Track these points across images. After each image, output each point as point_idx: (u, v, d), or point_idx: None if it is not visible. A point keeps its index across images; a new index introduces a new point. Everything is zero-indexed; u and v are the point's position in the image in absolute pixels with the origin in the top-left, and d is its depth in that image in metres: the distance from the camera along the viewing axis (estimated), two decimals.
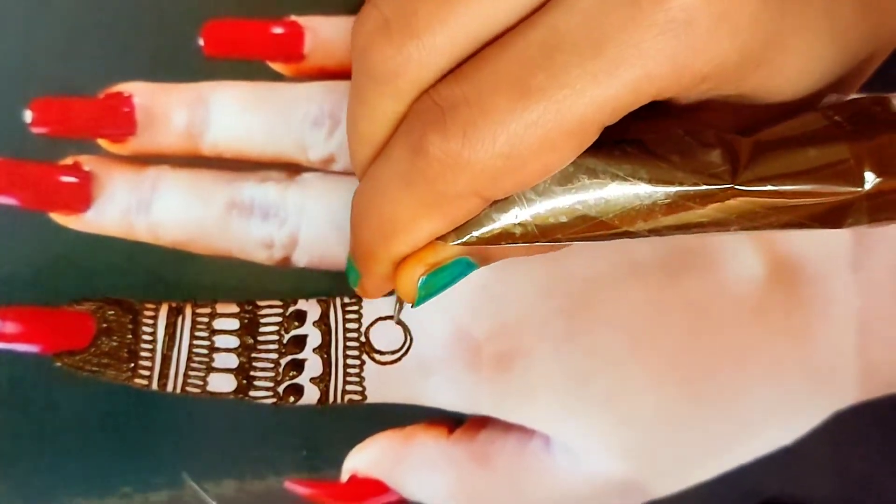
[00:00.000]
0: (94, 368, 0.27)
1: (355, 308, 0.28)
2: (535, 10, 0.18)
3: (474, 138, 0.18)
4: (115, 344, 0.27)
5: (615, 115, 0.18)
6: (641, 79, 0.18)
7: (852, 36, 0.19)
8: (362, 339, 0.27)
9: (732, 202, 0.19)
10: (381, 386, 0.27)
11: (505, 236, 0.19)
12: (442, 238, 0.20)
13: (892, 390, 0.28)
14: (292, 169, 0.28)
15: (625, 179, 0.19)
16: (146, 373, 0.27)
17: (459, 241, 0.20)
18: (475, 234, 0.20)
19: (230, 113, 0.27)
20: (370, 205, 0.20)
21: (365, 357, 0.27)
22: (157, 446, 0.27)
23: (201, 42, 0.27)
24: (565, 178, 0.19)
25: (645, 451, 0.28)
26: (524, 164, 0.18)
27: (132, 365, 0.27)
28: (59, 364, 0.27)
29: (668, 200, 0.19)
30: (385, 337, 0.28)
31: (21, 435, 0.26)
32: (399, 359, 0.27)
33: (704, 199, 0.19)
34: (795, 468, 0.28)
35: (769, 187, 0.18)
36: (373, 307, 0.28)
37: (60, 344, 0.27)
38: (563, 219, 0.19)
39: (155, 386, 0.27)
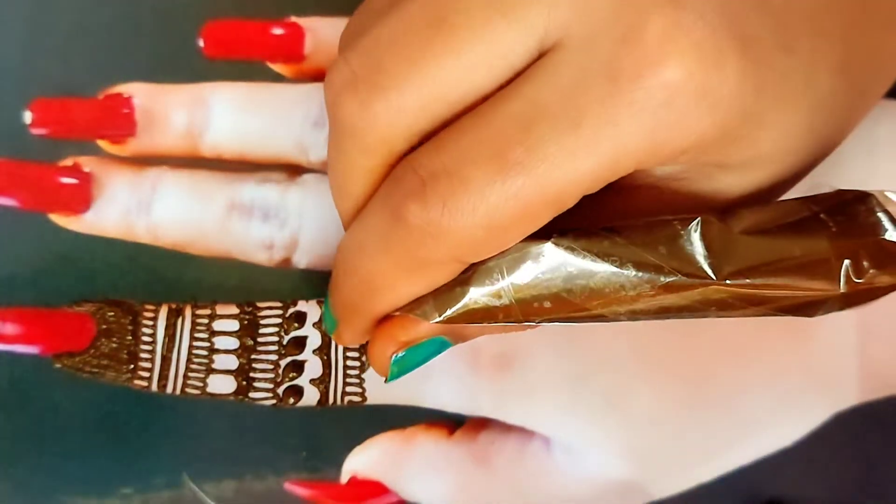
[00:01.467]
0: (94, 370, 0.27)
1: None
2: (512, 80, 0.18)
3: (454, 209, 0.18)
4: (114, 345, 0.27)
5: (594, 185, 0.18)
6: (619, 154, 0.18)
7: (831, 107, 0.19)
8: None
9: (712, 294, 0.19)
10: (381, 387, 0.27)
11: (487, 316, 0.19)
12: (422, 315, 0.20)
13: (892, 391, 0.28)
14: (292, 170, 0.28)
15: (610, 269, 0.19)
16: (146, 374, 0.27)
17: (440, 319, 0.20)
18: (456, 311, 0.20)
19: (230, 114, 0.27)
20: (351, 262, 0.20)
21: (365, 358, 0.27)
22: (156, 447, 0.27)
23: (201, 43, 0.27)
24: (552, 268, 0.19)
25: (645, 452, 0.28)
26: (503, 232, 0.18)
27: (132, 366, 0.27)
28: (58, 365, 0.27)
29: (652, 292, 0.19)
30: None
31: (21, 436, 0.26)
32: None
33: (686, 289, 0.19)
34: (796, 469, 0.28)
35: (749, 282, 0.19)
36: None
37: (60, 345, 0.26)
38: (547, 304, 0.19)
39: (155, 387, 0.27)
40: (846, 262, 0.19)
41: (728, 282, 0.19)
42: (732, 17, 0.18)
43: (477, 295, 0.19)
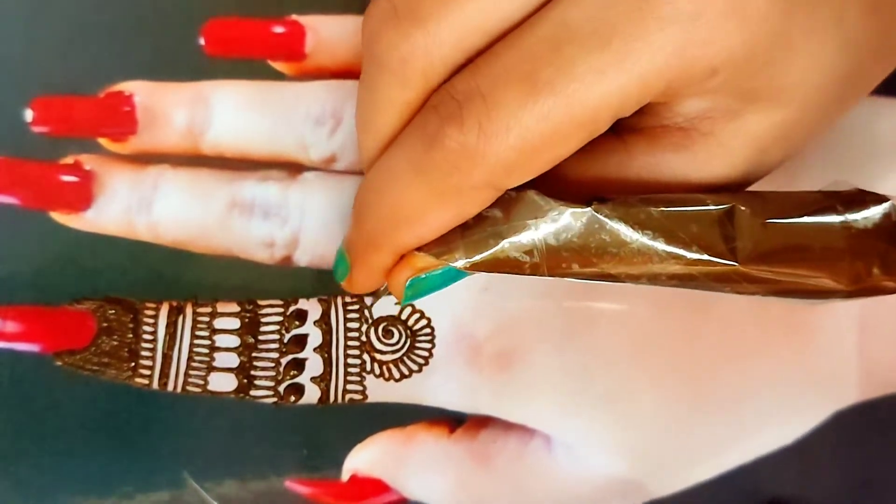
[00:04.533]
0: (95, 368, 0.27)
1: (356, 307, 0.28)
2: (544, 5, 0.19)
3: (489, 131, 0.18)
4: (115, 343, 0.27)
5: (625, 107, 0.18)
6: (650, 71, 0.18)
7: (860, 44, 0.19)
8: (363, 338, 0.27)
9: (730, 274, 0.20)
10: (382, 385, 0.27)
11: (513, 267, 0.20)
12: (450, 258, 0.20)
13: (892, 390, 0.28)
14: (294, 168, 0.28)
15: (645, 241, 0.20)
16: (147, 372, 0.27)
17: (467, 264, 0.20)
18: (484, 258, 0.20)
19: (231, 112, 0.27)
20: (378, 193, 0.20)
21: (366, 356, 0.27)
22: (157, 446, 0.27)
23: (202, 41, 0.27)
24: (588, 233, 0.20)
25: (645, 451, 0.28)
26: (536, 155, 0.18)
27: (133, 364, 0.27)
28: (59, 363, 0.26)
29: (678, 265, 0.20)
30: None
31: (21, 434, 0.26)
32: (400, 358, 0.27)
33: (709, 267, 0.20)
34: (796, 468, 0.28)
35: (767, 268, 0.20)
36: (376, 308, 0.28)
37: (61, 343, 0.26)
38: (575, 266, 0.20)
39: (156, 385, 0.27)
40: (859, 263, 0.20)
41: (749, 269, 0.20)
42: None
43: (510, 248, 0.20)
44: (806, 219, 0.20)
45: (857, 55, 0.20)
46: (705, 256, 0.20)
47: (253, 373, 0.27)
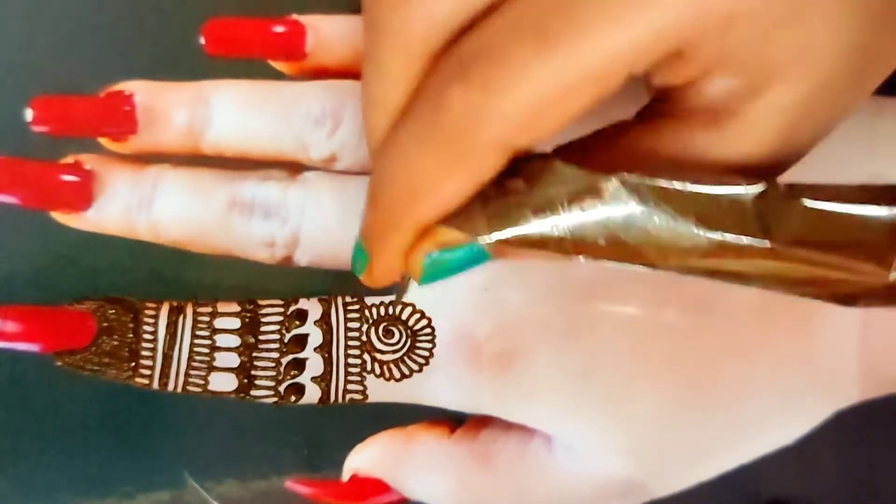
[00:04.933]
0: (95, 368, 0.27)
1: (357, 307, 0.28)
2: None
3: (496, 88, 0.17)
4: (115, 343, 0.27)
5: (639, 61, 0.18)
6: (663, 22, 0.17)
7: (875, 14, 0.19)
8: (364, 338, 0.27)
9: (762, 262, 0.19)
10: (383, 385, 0.27)
11: (538, 243, 0.19)
12: (473, 231, 0.19)
13: (894, 389, 0.28)
14: (294, 168, 0.28)
15: (672, 216, 0.19)
16: (147, 372, 0.27)
17: (490, 239, 0.19)
18: (509, 232, 0.19)
19: (231, 111, 0.27)
20: (390, 172, 0.20)
21: (366, 356, 0.27)
22: (158, 446, 0.27)
23: (202, 41, 0.27)
24: (614, 206, 0.19)
25: (647, 450, 0.28)
26: (547, 111, 0.18)
27: (133, 364, 0.27)
28: (59, 363, 0.26)
29: (709, 247, 0.19)
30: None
31: (22, 434, 0.26)
32: (401, 358, 0.27)
33: (740, 252, 0.19)
34: (797, 467, 0.28)
35: (801, 251, 0.19)
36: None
37: (61, 343, 0.26)
38: (601, 241, 0.19)
39: (156, 385, 0.27)
40: None
41: (782, 248, 0.19)
42: None
43: (534, 220, 0.19)
44: (847, 207, 0.19)
45: (872, 25, 0.19)
46: (735, 237, 0.19)
47: (253, 373, 0.27)
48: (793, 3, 0.18)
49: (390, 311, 0.28)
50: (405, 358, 0.27)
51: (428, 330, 0.28)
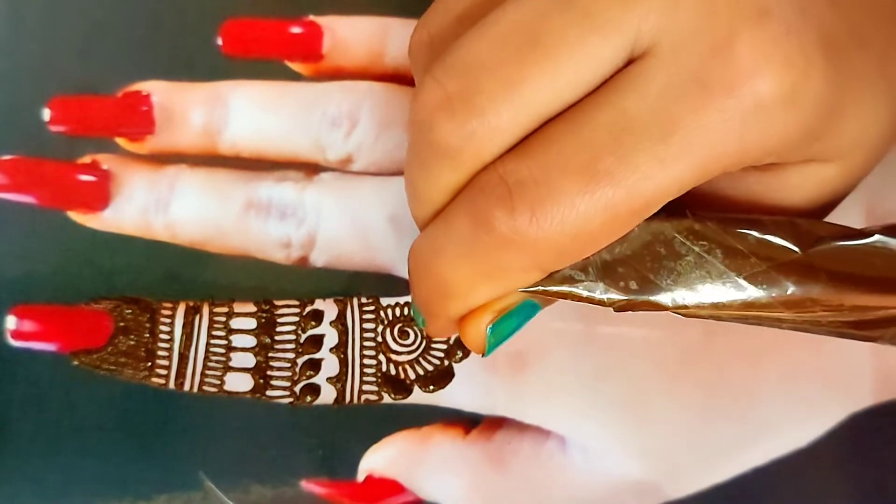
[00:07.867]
0: (112, 367, 0.27)
1: (372, 308, 0.28)
2: (600, 86, 0.18)
3: (542, 218, 0.18)
4: (132, 343, 0.27)
5: (681, 192, 0.18)
6: (708, 160, 0.18)
7: None
8: (379, 339, 0.27)
9: (785, 307, 0.19)
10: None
11: (570, 295, 0.20)
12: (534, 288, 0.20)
13: None
14: (310, 169, 0.28)
15: (701, 254, 0.19)
16: (163, 372, 0.27)
17: (531, 289, 0.20)
18: (544, 287, 0.20)
19: (248, 112, 0.27)
20: (428, 266, 0.20)
21: (382, 357, 0.27)
22: (174, 446, 0.27)
23: (220, 41, 0.27)
24: (641, 245, 0.19)
25: (661, 452, 0.28)
26: (590, 241, 0.19)
27: (149, 364, 0.27)
28: (76, 363, 0.26)
29: (737, 281, 0.19)
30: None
31: (38, 433, 0.26)
32: (416, 359, 0.27)
33: (769, 280, 0.19)
34: (810, 470, 0.28)
35: (825, 285, 0.19)
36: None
37: (78, 342, 0.26)
38: (633, 285, 0.19)
39: (172, 385, 0.27)
40: None
41: (810, 252, 0.19)
42: (813, 21, 0.18)
43: (566, 275, 0.20)
44: (867, 242, 0.19)
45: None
46: (765, 268, 0.19)
47: (269, 373, 0.27)
48: (830, 122, 0.19)
49: (406, 312, 0.28)
50: (420, 359, 0.28)
51: None
